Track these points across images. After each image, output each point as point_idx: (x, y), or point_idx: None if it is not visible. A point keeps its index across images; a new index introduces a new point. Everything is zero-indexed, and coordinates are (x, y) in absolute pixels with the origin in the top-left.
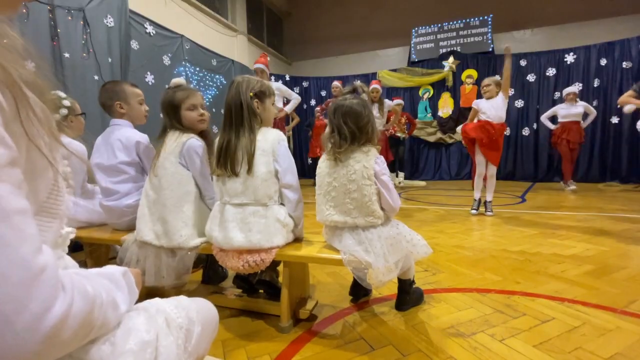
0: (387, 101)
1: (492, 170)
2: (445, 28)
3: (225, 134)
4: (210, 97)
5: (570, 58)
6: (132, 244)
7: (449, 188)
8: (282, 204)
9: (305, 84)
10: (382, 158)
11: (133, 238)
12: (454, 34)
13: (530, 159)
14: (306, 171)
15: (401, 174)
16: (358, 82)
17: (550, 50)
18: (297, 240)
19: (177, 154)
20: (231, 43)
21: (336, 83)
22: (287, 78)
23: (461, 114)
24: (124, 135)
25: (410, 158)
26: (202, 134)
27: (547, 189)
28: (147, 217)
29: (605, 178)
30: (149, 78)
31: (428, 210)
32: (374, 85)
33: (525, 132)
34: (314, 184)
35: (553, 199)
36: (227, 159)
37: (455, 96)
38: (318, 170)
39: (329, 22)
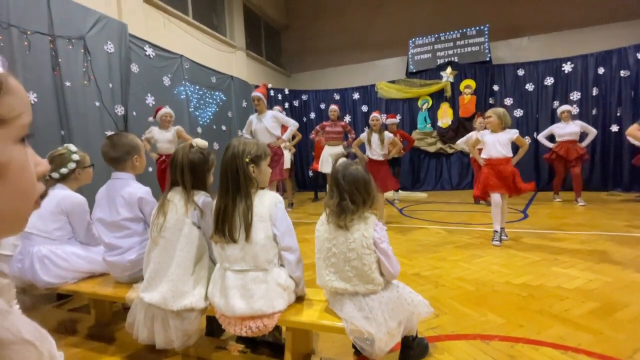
0: (387, 133)
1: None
2: (442, 38)
3: (221, 199)
4: (210, 114)
5: (568, 67)
6: (138, 305)
7: (450, 201)
8: (282, 265)
9: (304, 97)
10: (380, 225)
11: (138, 297)
12: (451, 44)
13: (530, 169)
14: (307, 184)
15: (396, 193)
16: (352, 150)
17: (547, 60)
18: (299, 299)
19: (191, 213)
20: (230, 59)
21: (334, 107)
22: (287, 92)
23: (460, 124)
24: (126, 191)
25: (411, 169)
26: None
27: (549, 200)
28: (153, 279)
29: (607, 186)
30: (150, 100)
31: (429, 231)
32: (374, 114)
33: (526, 141)
34: (315, 197)
35: (556, 214)
36: (224, 225)
37: (454, 106)
38: (317, 234)
39: (326, 34)
